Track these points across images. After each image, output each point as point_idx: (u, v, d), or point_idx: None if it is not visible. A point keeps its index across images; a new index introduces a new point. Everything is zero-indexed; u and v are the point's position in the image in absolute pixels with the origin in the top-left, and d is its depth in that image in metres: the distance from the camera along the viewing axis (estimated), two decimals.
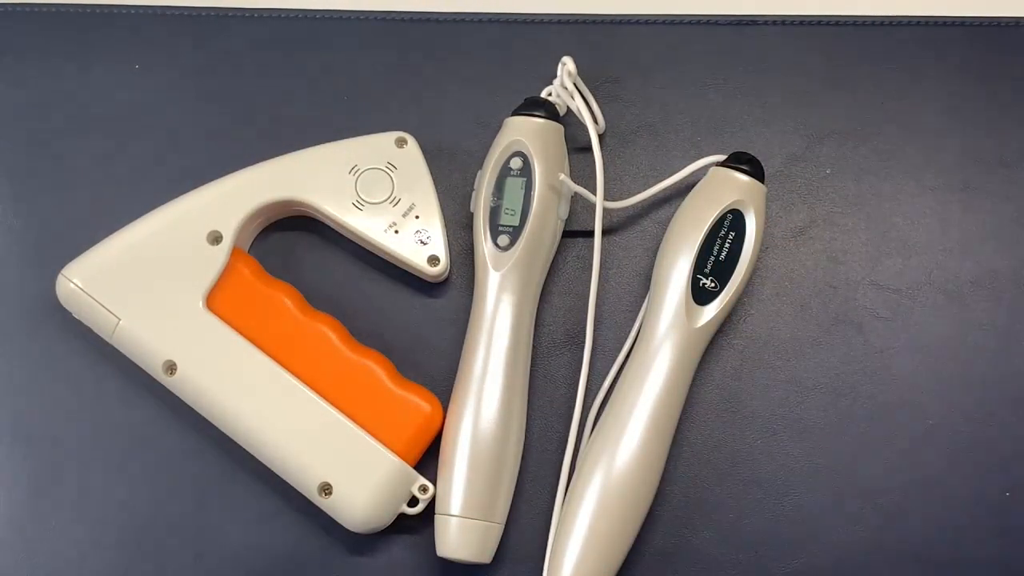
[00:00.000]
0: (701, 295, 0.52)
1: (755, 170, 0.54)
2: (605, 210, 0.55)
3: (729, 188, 0.53)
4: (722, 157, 0.55)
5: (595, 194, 0.54)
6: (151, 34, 0.60)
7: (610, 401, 0.53)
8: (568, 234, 0.56)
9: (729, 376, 0.56)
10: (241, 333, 0.52)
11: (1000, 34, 0.61)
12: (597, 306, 0.54)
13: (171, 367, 0.52)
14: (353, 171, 0.55)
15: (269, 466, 0.52)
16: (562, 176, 0.54)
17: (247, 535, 0.54)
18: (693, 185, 0.55)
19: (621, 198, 0.56)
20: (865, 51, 0.60)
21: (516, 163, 0.54)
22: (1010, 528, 0.54)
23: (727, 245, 0.53)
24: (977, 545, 0.54)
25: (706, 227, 0.53)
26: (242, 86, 0.60)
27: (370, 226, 0.55)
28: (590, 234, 0.56)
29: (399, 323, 0.56)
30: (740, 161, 0.54)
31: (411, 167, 0.56)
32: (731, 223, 0.53)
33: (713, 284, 0.53)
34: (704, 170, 0.55)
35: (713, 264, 0.53)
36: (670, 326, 0.52)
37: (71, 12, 0.61)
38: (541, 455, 0.55)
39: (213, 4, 0.61)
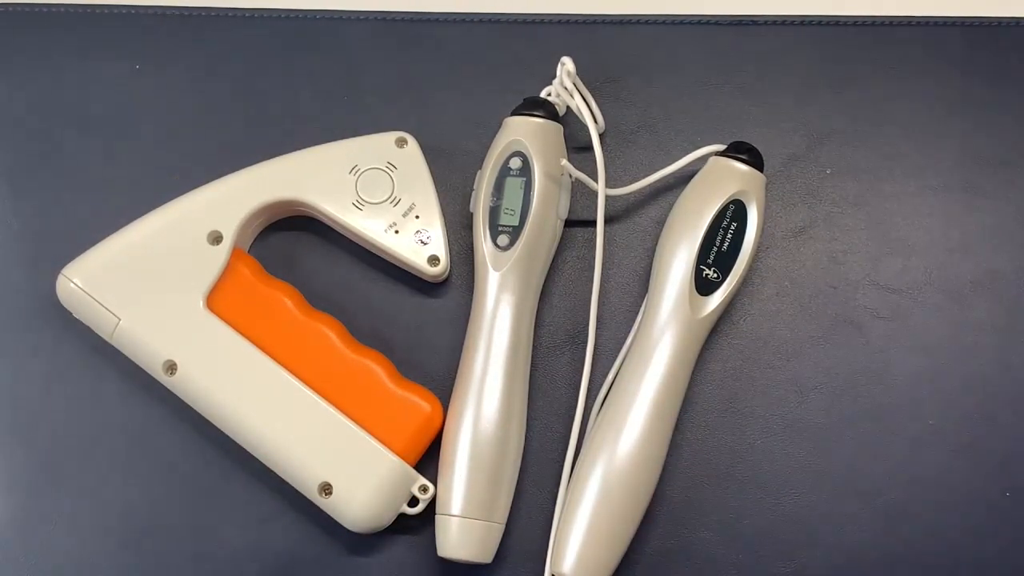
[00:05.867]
0: (704, 286, 0.53)
1: (754, 159, 0.54)
2: (606, 198, 0.55)
3: (730, 178, 0.54)
4: (721, 147, 0.55)
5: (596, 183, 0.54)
6: (151, 34, 0.60)
7: (612, 390, 0.53)
8: (569, 223, 0.56)
9: (729, 376, 0.56)
10: (241, 333, 0.52)
11: (1000, 34, 0.61)
12: (597, 307, 0.54)
13: (171, 367, 0.52)
14: (353, 171, 0.55)
15: (269, 466, 0.52)
16: (564, 161, 0.54)
17: (247, 535, 0.54)
18: (692, 175, 0.55)
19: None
20: (865, 51, 0.60)
21: (515, 163, 0.54)
22: (1010, 528, 0.54)
23: (729, 236, 0.53)
24: (977, 545, 0.54)
25: (709, 218, 0.53)
26: (242, 86, 0.60)
27: (370, 226, 0.55)
28: (590, 223, 0.56)
29: (399, 323, 0.56)
30: (739, 151, 0.54)
31: (411, 167, 0.56)
32: (733, 214, 0.53)
33: (715, 275, 0.53)
34: (703, 160, 0.55)
35: (716, 255, 0.53)
36: (673, 317, 0.52)
37: (71, 12, 0.61)
38: (541, 455, 0.55)
39: (213, 4, 0.61)
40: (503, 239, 0.53)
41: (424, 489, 0.52)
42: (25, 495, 0.54)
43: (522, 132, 0.54)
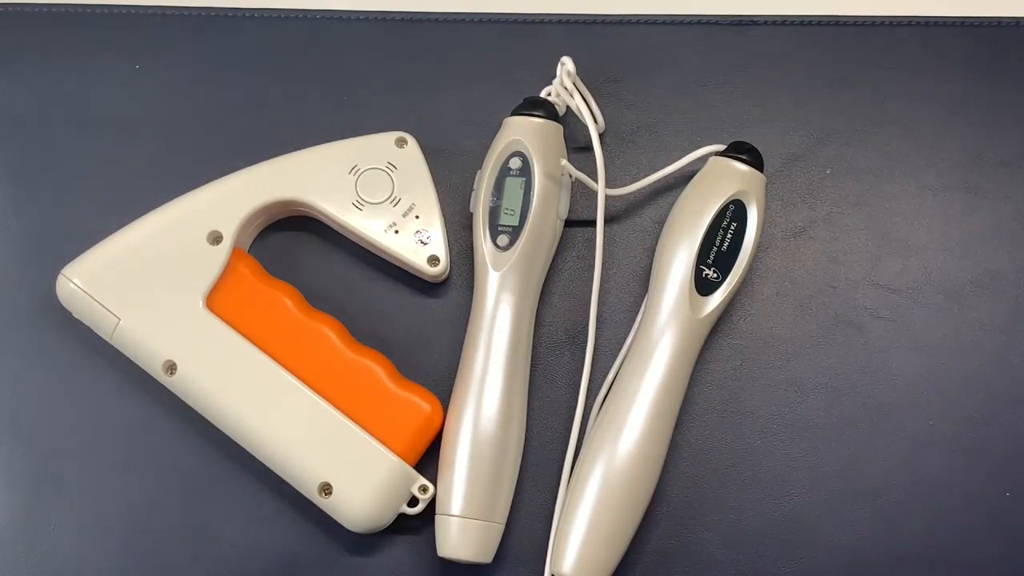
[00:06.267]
0: (704, 286, 0.53)
1: (754, 159, 0.54)
2: (606, 199, 0.55)
3: (730, 178, 0.54)
4: (721, 147, 0.55)
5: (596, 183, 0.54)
6: (151, 34, 0.60)
7: (612, 390, 0.53)
8: (569, 223, 0.56)
9: (729, 376, 0.56)
10: (241, 333, 0.52)
11: (1000, 34, 0.61)
12: (597, 307, 0.54)
13: (171, 367, 0.52)
14: (353, 171, 0.55)
15: (269, 466, 0.52)
16: (564, 161, 0.54)
17: (247, 535, 0.54)
18: (692, 175, 0.55)
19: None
20: (865, 51, 0.60)
21: (515, 163, 0.54)
22: (1010, 528, 0.54)
23: (729, 236, 0.53)
24: (977, 545, 0.54)
25: (709, 218, 0.53)
26: (242, 86, 0.60)
27: (370, 226, 0.55)
28: (590, 223, 0.56)
29: (399, 323, 0.56)
30: (739, 151, 0.54)
31: (411, 167, 0.56)
32: (733, 214, 0.53)
33: (715, 274, 0.53)
34: (703, 160, 0.55)
35: (715, 255, 0.53)
36: (673, 316, 0.52)
37: (71, 12, 0.61)
38: (541, 455, 0.55)
39: (213, 4, 0.61)
40: (503, 239, 0.53)
41: (424, 489, 0.52)
42: (25, 495, 0.54)
43: (522, 132, 0.54)
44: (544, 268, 0.55)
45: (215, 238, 0.53)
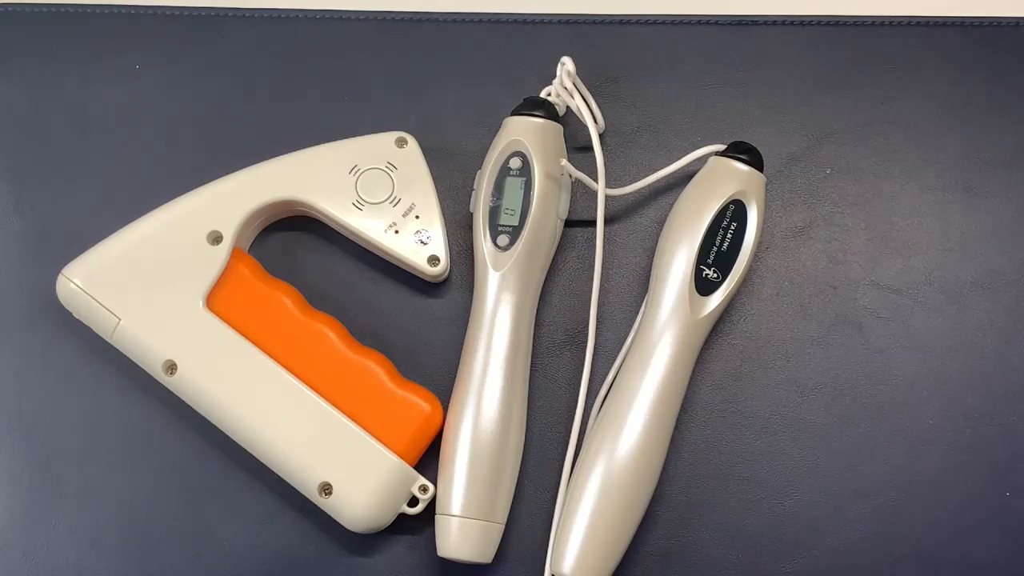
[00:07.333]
0: (703, 286, 0.53)
1: (755, 159, 0.54)
2: (606, 199, 0.55)
3: (730, 178, 0.54)
4: (721, 147, 0.55)
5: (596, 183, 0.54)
6: (151, 34, 0.60)
7: (612, 390, 0.53)
8: (569, 223, 0.56)
9: (729, 376, 0.56)
10: (241, 333, 0.52)
11: (1000, 34, 0.61)
12: (597, 307, 0.54)
13: (171, 367, 0.52)
14: (353, 171, 0.55)
15: (269, 466, 0.52)
16: (564, 161, 0.54)
17: (247, 535, 0.54)
18: (692, 175, 0.55)
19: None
20: (865, 51, 0.60)
21: (515, 163, 0.54)
22: (1010, 528, 0.54)
23: (729, 236, 0.53)
24: (977, 545, 0.54)
25: (708, 218, 0.53)
26: (242, 86, 0.60)
27: (370, 226, 0.55)
28: (591, 223, 0.56)
29: (399, 323, 0.56)
30: (739, 151, 0.54)
31: (411, 167, 0.56)
32: (733, 214, 0.53)
33: (715, 275, 0.53)
34: (703, 160, 0.55)
35: (715, 255, 0.53)
36: (673, 317, 0.52)
37: (71, 12, 0.61)
38: (541, 455, 0.55)
39: (213, 4, 0.61)
40: (503, 239, 0.53)
41: (424, 489, 0.52)
42: (25, 495, 0.54)
43: (522, 132, 0.54)
44: (544, 268, 0.55)
45: (215, 238, 0.53)
